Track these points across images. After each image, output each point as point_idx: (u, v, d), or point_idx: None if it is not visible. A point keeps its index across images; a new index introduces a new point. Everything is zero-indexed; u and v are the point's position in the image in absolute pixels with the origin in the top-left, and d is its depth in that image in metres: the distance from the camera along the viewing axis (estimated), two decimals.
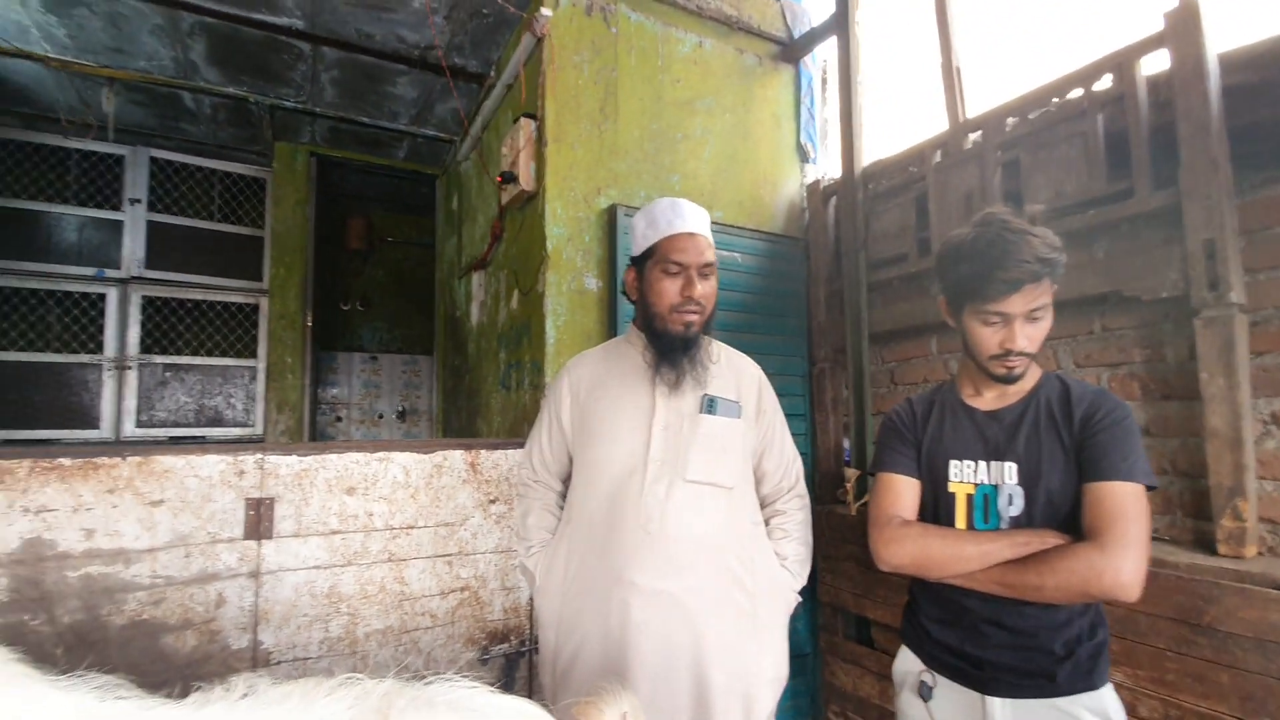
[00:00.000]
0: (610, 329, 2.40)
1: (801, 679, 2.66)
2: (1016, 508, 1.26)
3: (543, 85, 2.45)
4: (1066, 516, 1.22)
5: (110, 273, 4.00)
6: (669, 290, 1.46)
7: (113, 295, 4.00)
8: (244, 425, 4.29)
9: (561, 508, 1.66)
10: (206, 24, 2.90)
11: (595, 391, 1.57)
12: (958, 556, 1.24)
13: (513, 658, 2.25)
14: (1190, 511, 1.77)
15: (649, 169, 2.60)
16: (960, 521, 1.32)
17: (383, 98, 3.58)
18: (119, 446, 1.87)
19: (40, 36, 3.02)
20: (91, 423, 3.96)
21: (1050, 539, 1.20)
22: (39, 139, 3.88)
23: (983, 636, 1.27)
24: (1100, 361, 1.99)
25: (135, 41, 3.07)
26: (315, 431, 4.80)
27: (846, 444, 2.79)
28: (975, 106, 2.42)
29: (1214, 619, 1.40)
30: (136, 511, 1.77)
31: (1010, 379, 1.30)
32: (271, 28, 2.91)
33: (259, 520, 1.90)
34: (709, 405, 1.49)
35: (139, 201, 4.07)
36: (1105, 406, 1.24)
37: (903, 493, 1.37)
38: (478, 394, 3.32)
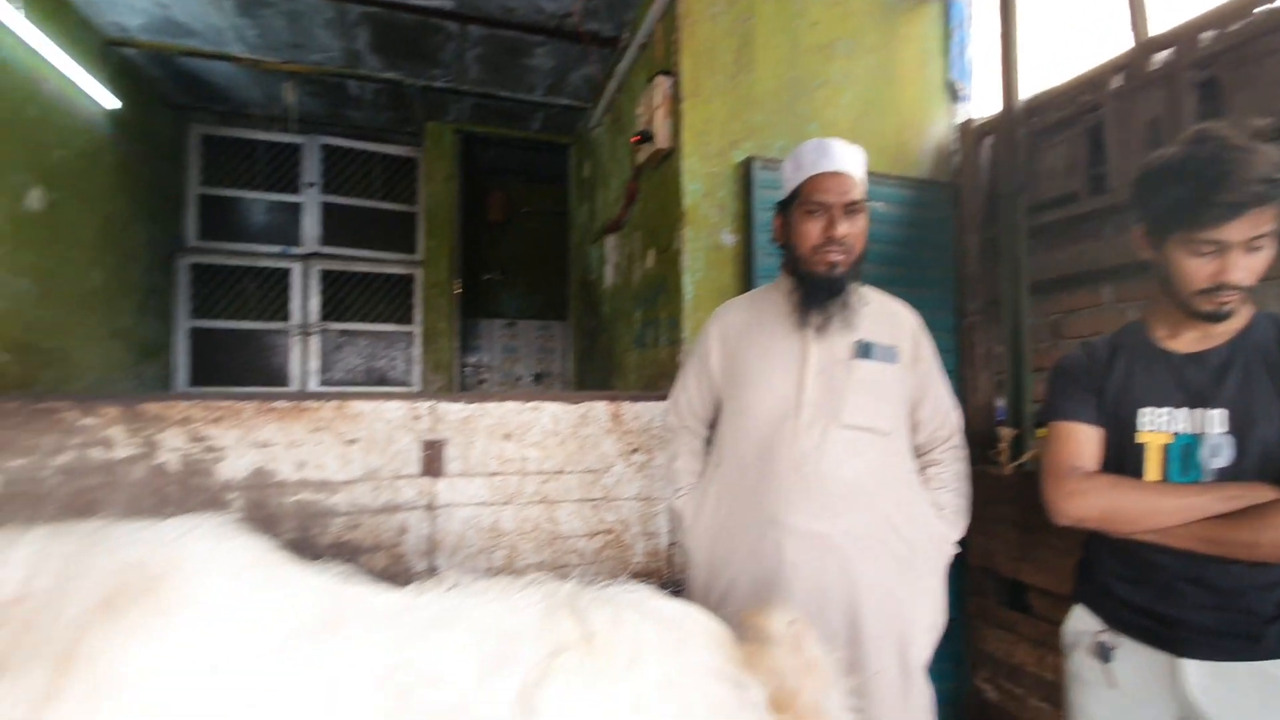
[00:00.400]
0: (746, 284, 2.39)
1: (946, 644, 2.57)
2: (1224, 459, 1.13)
3: (678, 40, 2.45)
4: None
5: (293, 249, 4.53)
6: (811, 231, 1.45)
7: (296, 270, 4.54)
8: (405, 385, 4.74)
9: (707, 453, 1.70)
10: (369, 13, 3.17)
11: (745, 338, 1.58)
12: (1154, 510, 1.14)
13: None
14: None
15: (785, 119, 2.54)
16: (1152, 474, 1.20)
17: (522, 71, 3.74)
18: (321, 393, 2.15)
19: (234, 38, 3.44)
20: (282, 382, 4.54)
21: (1266, 493, 1.08)
22: (233, 133, 4.44)
23: (1178, 595, 1.16)
24: None
25: (310, 36, 3.41)
26: (463, 390, 5.21)
27: (999, 403, 2.61)
28: (1161, 23, 2.12)
29: None
30: (336, 449, 2.03)
31: (1219, 316, 1.16)
32: (424, 11, 3.12)
33: (433, 460, 2.12)
34: (863, 350, 1.46)
35: (314, 185, 4.55)
36: None
37: (1084, 442, 1.27)
38: (611, 354, 3.44)
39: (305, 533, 2.01)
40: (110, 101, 3.31)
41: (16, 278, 2.75)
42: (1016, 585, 2.30)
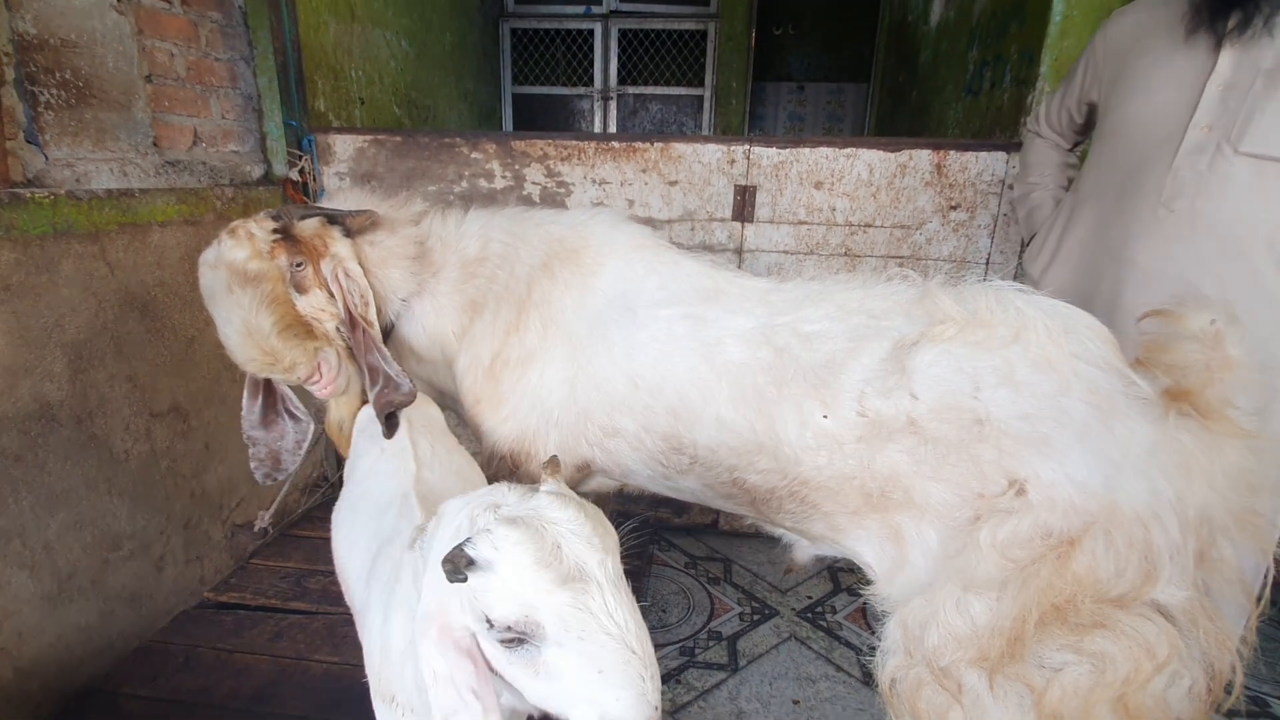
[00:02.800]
0: None
1: None
2: None
3: None
4: None
5: (595, 9, 4.61)
6: None
7: (598, 30, 4.65)
8: None
9: (1064, 173, 1.50)
10: None
11: (1140, 44, 1.28)
12: None
13: None
14: None
15: None
16: None
17: None
18: (648, 134, 2.31)
19: None
20: None
21: None
22: None
23: None
24: None
25: None
26: None
27: None
28: None
29: None
30: (659, 189, 2.22)
31: None
32: None
33: (743, 205, 2.21)
34: None
35: None
36: None
37: None
38: (927, 111, 3.05)
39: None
40: None
41: (400, 38, 3.26)
42: None
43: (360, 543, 0.91)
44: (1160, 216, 1.23)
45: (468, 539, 0.57)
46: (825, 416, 0.90)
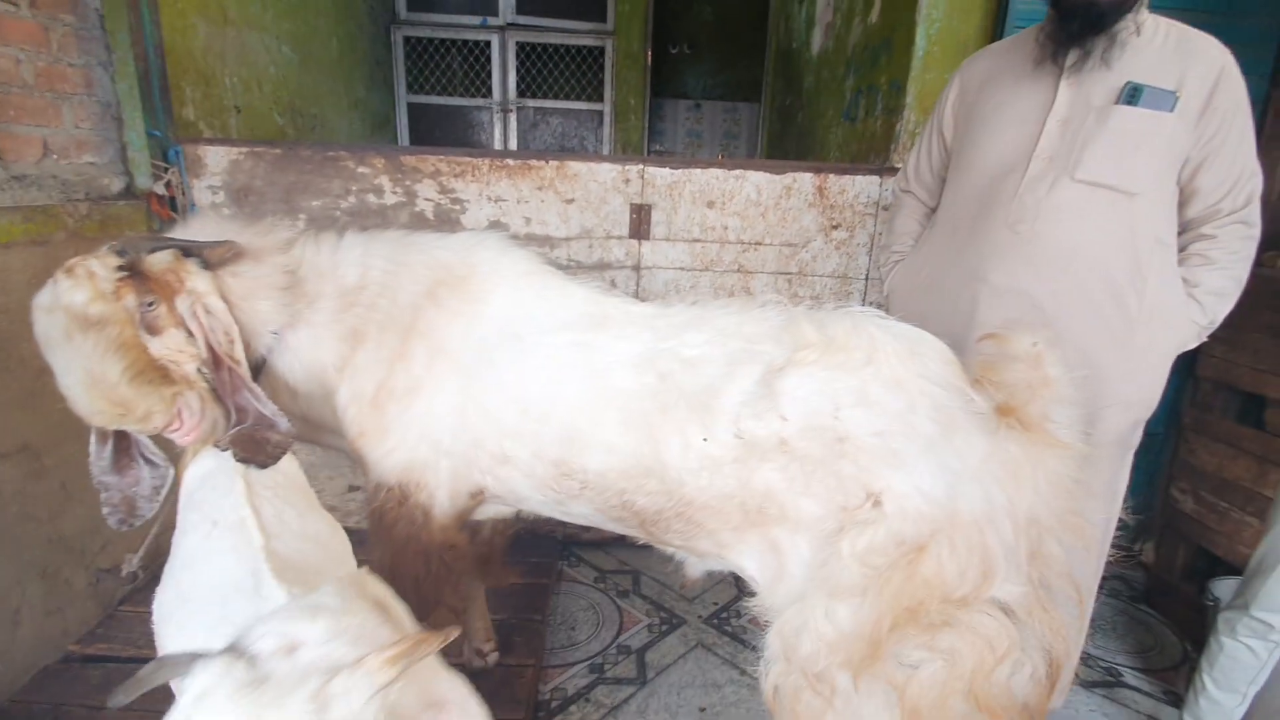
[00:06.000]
0: (994, 36, 2.07)
1: (1146, 455, 2.46)
2: None
3: None
4: None
5: (491, 20, 4.57)
6: None
7: (495, 42, 4.60)
8: None
9: (929, 219, 1.64)
10: None
11: (987, 87, 1.43)
12: None
13: None
14: None
15: None
16: None
17: None
18: (543, 152, 2.31)
19: None
20: None
21: None
22: None
23: None
24: None
25: None
26: None
27: None
28: None
29: None
30: (556, 206, 2.23)
31: None
32: None
33: (640, 223, 2.25)
34: (1130, 94, 1.25)
35: None
36: None
37: None
38: (811, 133, 3.24)
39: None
40: None
41: (281, 44, 3.10)
42: (1251, 399, 2.09)
43: (199, 637, 0.79)
44: (1008, 239, 1.36)
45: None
46: (706, 439, 0.94)
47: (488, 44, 4.63)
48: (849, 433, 0.84)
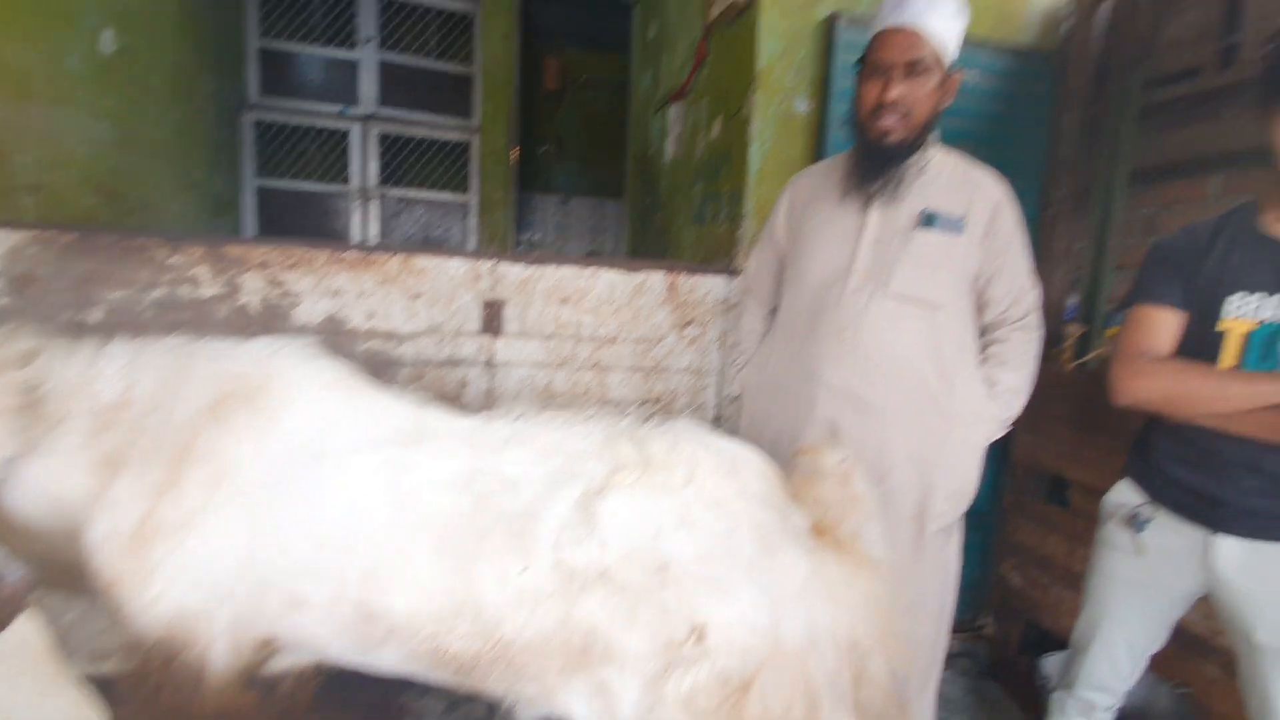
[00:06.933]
0: (818, 157, 2.28)
1: (977, 534, 2.64)
2: None
3: None
4: None
5: (352, 110, 4.49)
6: (868, 94, 1.39)
7: (355, 131, 4.52)
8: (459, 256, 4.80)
9: (772, 318, 1.74)
10: None
11: (812, 204, 1.57)
12: (1221, 395, 1.12)
13: None
14: None
15: None
16: (1227, 361, 1.17)
17: None
18: (388, 245, 2.21)
19: None
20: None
21: None
22: None
23: (1231, 480, 1.17)
24: None
25: None
26: None
27: (1071, 301, 2.50)
28: None
29: None
30: (402, 302, 2.12)
31: None
32: None
33: (492, 319, 2.19)
34: (927, 220, 1.43)
35: (371, 40, 4.42)
36: None
37: (1162, 328, 1.23)
38: (668, 232, 3.39)
39: (374, 380, 2.15)
40: None
41: (97, 121, 2.82)
42: (1059, 482, 2.31)
43: None
44: (837, 344, 1.47)
45: None
46: (524, 570, 0.85)
47: (346, 133, 4.52)
48: (671, 558, 0.80)
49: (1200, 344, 1.21)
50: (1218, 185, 2.07)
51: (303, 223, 4.58)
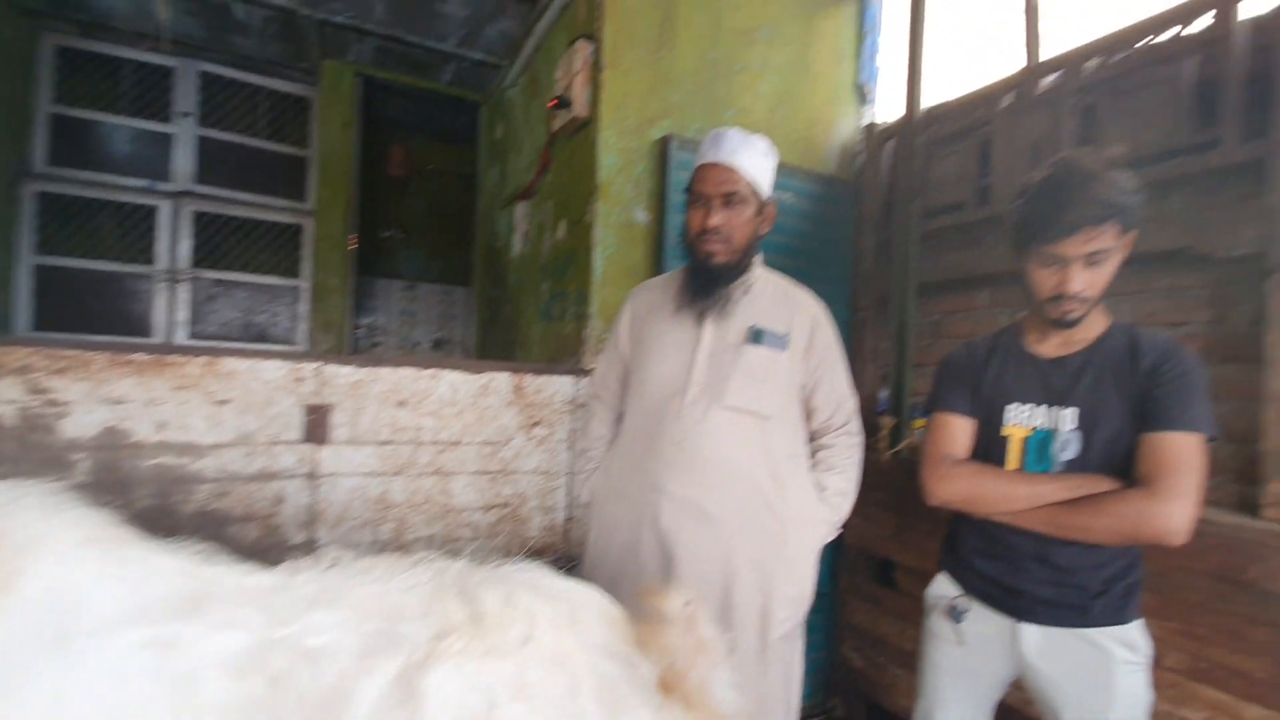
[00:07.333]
0: (657, 263, 2.40)
1: (818, 616, 2.75)
2: (1071, 452, 1.27)
3: (601, 6, 2.38)
4: (1121, 464, 1.23)
5: (162, 185, 4.07)
6: (694, 220, 1.53)
7: (165, 208, 4.08)
8: (288, 343, 4.42)
9: (619, 423, 1.74)
10: None
11: (650, 317, 1.63)
12: (1010, 495, 1.27)
13: None
14: (1237, 476, 1.76)
15: (704, 101, 2.54)
16: (1011, 463, 1.34)
17: (432, 16, 3.52)
18: (188, 347, 1.95)
19: None
20: (144, 332, 4.10)
21: (1102, 484, 1.22)
22: (95, 47, 3.89)
23: (1024, 571, 1.31)
24: (1163, 320, 1.94)
25: None
26: (354, 353, 4.93)
27: (883, 395, 2.79)
28: (1051, 48, 2.29)
29: (1254, 577, 1.41)
30: (204, 409, 1.86)
31: (1065, 324, 1.29)
32: None
33: (317, 425, 1.98)
34: (754, 336, 1.53)
35: (189, 115, 4.09)
36: (1174, 358, 1.23)
37: (958, 432, 1.39)
38: (516, 324, 3.36)
39: (165, 500, 1.84)
40: None
41: None
42: (886, 563, 2.48)
43: None
44: (677, 455, 1.50)
45: None
46: None
47: (153, 210, 4.07)
48: None
49: (989, 447, 1.38)
50: (985, 298, 2.46)
51: (95, 305, 3.99)
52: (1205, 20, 1.81)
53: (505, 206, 3.62)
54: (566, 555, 2.35)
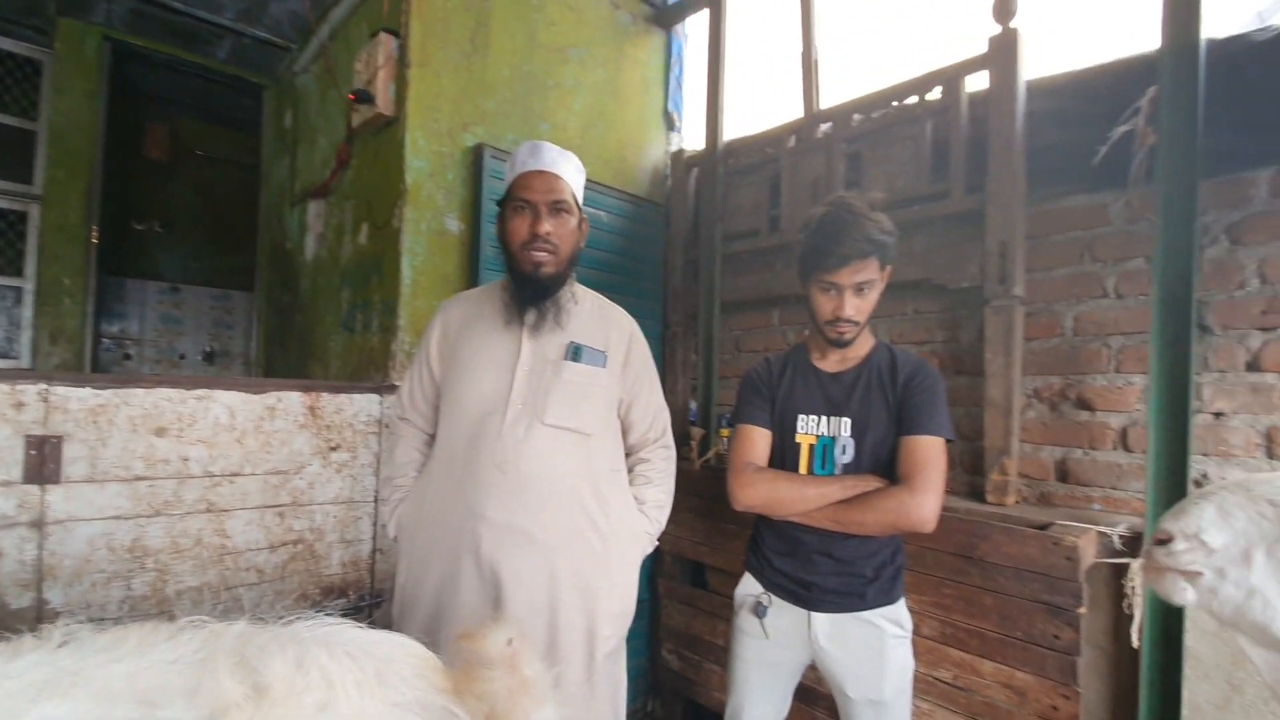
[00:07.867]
0: (471, 274, 2.32)
1: (639, 623, 2.83)
2: (848, 456, 1.45)
3: (408, 0, 2.26)
4: (887, 464, 1.44)
5: None
6: (519, 228, 1.47)
7: None
8: (6, 356, 3.56)
9: (430, 446, 1.62)
10: None
11: (465, 332, 1.55)
12: (800, 497, 1.42)
13: (350, 614, 2.14)
14: (968, 468, 2.13)
15: (518, 112, 2.51)
16: (803, 468, 1.49)
17: None
18: None
19: None
20: None
21: (873, 482, 1.40)
22: None
23: (813, 565, 1.47)
24: (910, 339, 2.30)
25: None
26: (97, 369, 4.10)
27: (693, 405, 2.96)
28: (829, 99, 2.62)
29: (983, 553, 1.72)
30: None
31: (841, 343, 1.48)
32: None
33: (43, 461, 1.62)
34: (574, 353, 1.51)
35: None
36: (923, 373, 1.46)
37: (757, 442, 1.52)
38: (311, 336, 3.04)
39: None
40: None
41: None
42: (698, 566, 2.63)
43: None
44: (497, 477, 1.43)
45: None
46: None
47: None
48: None
49: (785, 454, 1.52)
50: (778, 317, 2.72)
51: None
52: (938, 91, 2.18)
53: (296, 204, 3.26)
54: (373, 592, 2.16)
